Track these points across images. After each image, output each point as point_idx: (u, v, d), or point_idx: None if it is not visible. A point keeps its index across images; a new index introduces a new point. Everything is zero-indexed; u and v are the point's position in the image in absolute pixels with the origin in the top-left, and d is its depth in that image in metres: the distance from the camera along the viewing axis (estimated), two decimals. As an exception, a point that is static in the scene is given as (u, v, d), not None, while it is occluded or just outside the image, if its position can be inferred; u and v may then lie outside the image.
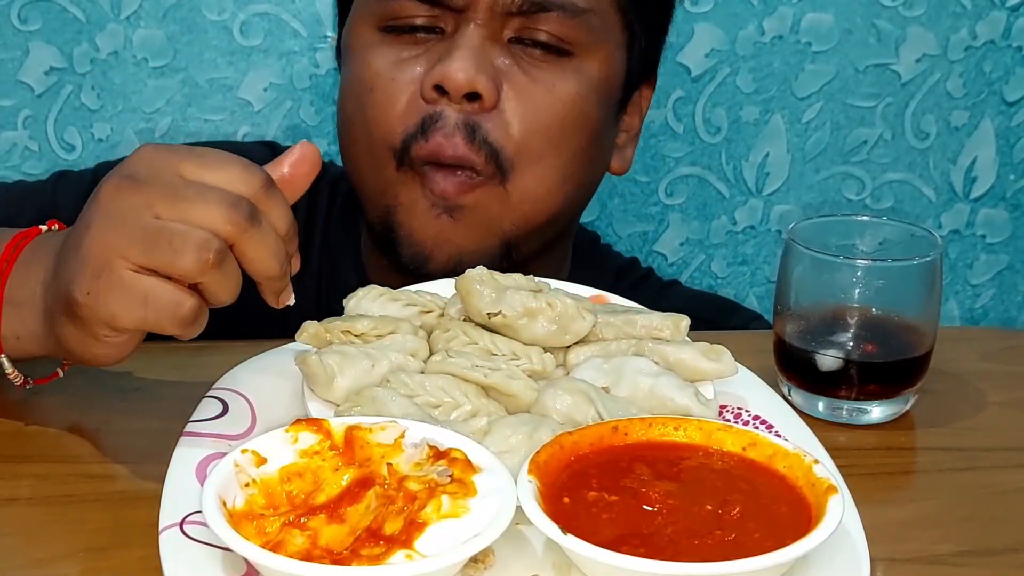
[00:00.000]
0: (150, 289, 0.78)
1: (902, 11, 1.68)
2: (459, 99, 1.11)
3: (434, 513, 0.71)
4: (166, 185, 0.80)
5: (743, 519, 0.73)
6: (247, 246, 0.80)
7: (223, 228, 0.78)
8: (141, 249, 0.78)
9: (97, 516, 0.82)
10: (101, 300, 0.79)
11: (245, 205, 0.80)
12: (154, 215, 0.79)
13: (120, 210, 0.79)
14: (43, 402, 0.96)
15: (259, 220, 0.80)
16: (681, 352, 0.93)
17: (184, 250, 0.77)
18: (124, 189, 0.80)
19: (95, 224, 0.80)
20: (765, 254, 1.79)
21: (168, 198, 0.79)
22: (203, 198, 0.79)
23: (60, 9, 1.56)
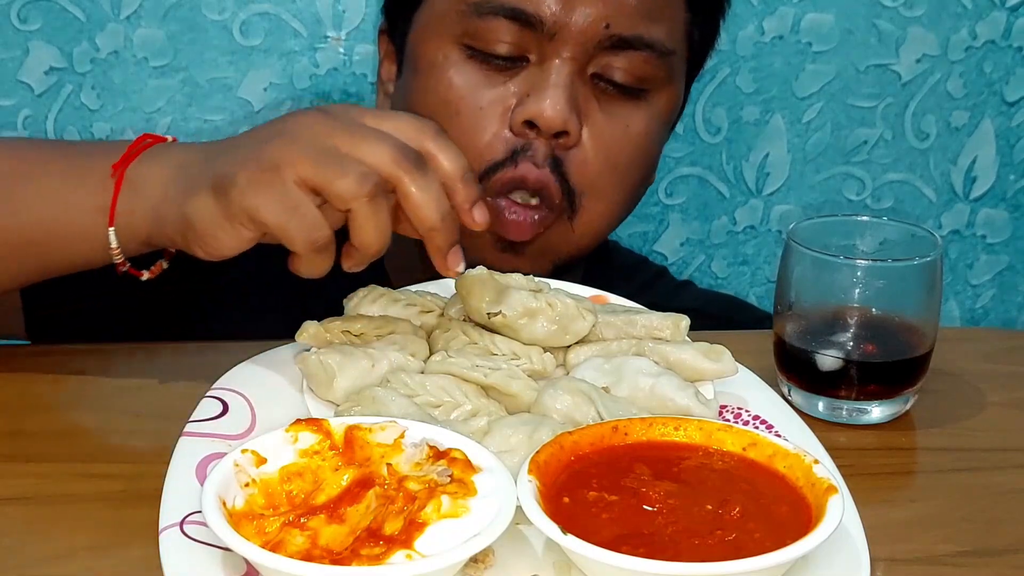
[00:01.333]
0: (302, 203, 0.83)
1: (902, 11, 1.68)
2: (549, 136, 1.12)
3: (434, 513, 0.71)
4: (349, 121, 0.86)
5: (743, 519, 0.73)
6: (409, 189, 0.84)
7: (387, 167, 0.84)
8: (310, 164, 0.83)
9: (97, 516, 0.82)
10: (257, 190, 0.83)
11: (412, 152, 0.85)
12: (333, 143, 0.84)
13: (303, 130, 0.85)
14: (44, 402, 0.96)
15: (423, 168, 0.85)
16: (681, 352, 0.93)
17: (346, 173, 0.82)
18: (312, 116, 0.87)
19: (278, 135, 0.86)
20: (765, 254, 1.79)
21: (347, 132, 0.85)
22: (377, 138, 0.85)
23: (60, 9, 1.56)
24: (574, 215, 1.16)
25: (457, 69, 1.14)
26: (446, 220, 0.86)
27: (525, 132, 1.12)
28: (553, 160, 1.13)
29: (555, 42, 1.12)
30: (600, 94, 1.15)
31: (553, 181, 1.13)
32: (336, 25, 1.61)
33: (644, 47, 1.13)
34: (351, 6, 1.61)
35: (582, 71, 1.13)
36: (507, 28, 1.12)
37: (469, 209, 0.88)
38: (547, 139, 1.12)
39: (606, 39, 1.12)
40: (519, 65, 1.14)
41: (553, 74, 1.12)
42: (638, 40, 1.13)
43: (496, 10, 1.12)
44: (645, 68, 1.14)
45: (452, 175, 0.87)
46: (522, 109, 1.12)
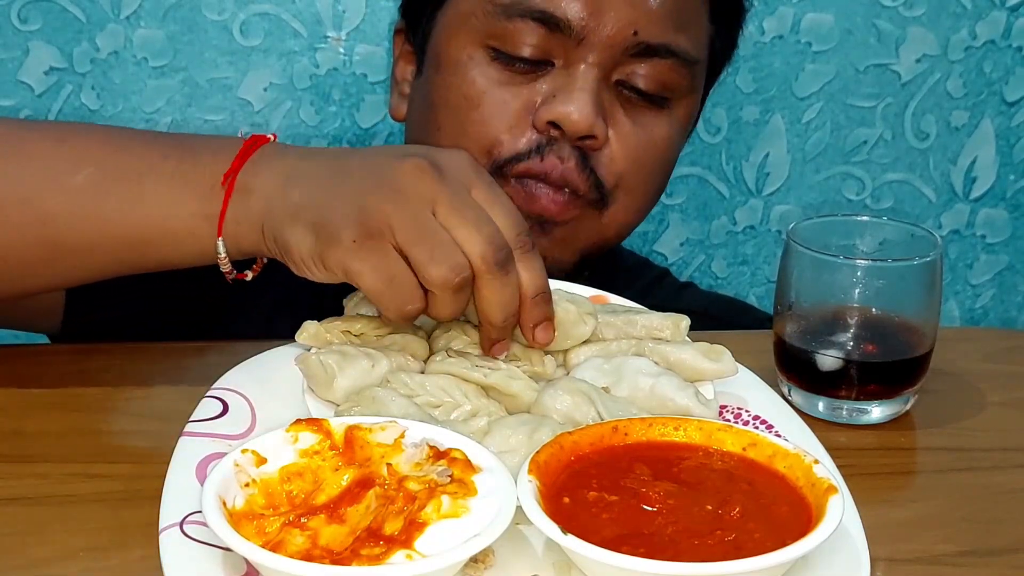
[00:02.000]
0: (400, 274, 0.84)
1: (902, 11, 1.68)
2: (574, 139, 1.12)
3: (434, 513, 0.71)
4: (456, 194, 0.86)
5: (743, 519, 0.73)
6: (487, 286, 0.86)
7: (477, 259, 0.85)
8: (409, 237, 0.84)
9: (97, 516, 0.82)
10: (358, 255, 0.84)
11: (504, 251, 0.86)
12: (432, 212, 0.85)
13: (410, 190, 0.85)
14: (43, 402, 0.96)
15: (508, 269, 0.86)
16: (681, 352, 0.93)
17: (440, 261, 0.84)
18: (423, 172, 0.86)
19: (383, 187, 0.86)
20: (765, 254, 1.79)
21: (453, 206, 0.85)
22: (476, 225, 0.85)
23: (60, 9, 1.56)
24: (605, 207, 1.16)
25: (481, 69, 1.14)
26: (507, 322, 0.87)
27: (549, 131, 1.12)
28: (580, 155, 1.12)
29: (582, 47, 1.11)
30: (624, 102, 1.15)
31: (579, 174, 1.13)
32: (336, 25, 1.61)
33: (670, 55, 1.13)
34: (351, 6, 1.61)
35: (607, 77, 1.13)
36: (534, 31, 1.11)
37: (532, 327, 0.89)
38: (572, 141, 1.12)
39: (633, 46, 1.12)
40: (544, 69, 1.13)
41: (580, 78, 1.11)
42: (665, 48, 1.13)
43: (524, 12, 1.11)
44: (670, 76, 1.14)
45: (528, 291, 0.88)
46: (547, 109, 1.11)
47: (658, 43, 1.12)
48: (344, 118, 1.64)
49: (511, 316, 0.87)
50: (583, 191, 1.13)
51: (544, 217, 1.14)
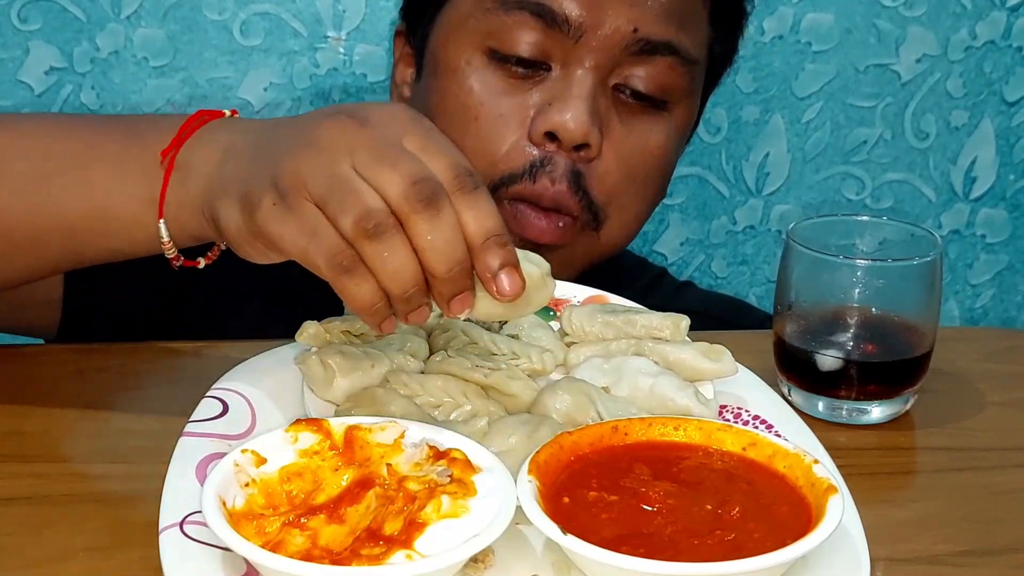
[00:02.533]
0: (322, 227, 0.76)
1: (902, 11, 1.68)
2: (569, 149, 1.11)
3: (434, 513, 0.71)
4: (377, 141, 0.77)
5: (743, 519, 0.73)
6: (411, 229, 0.75)
7: (395, 200, 0.75)
8: (320, 191, 0.76)
9: (97, 516, 0.82)
10: (277, 217, 0.77)
11: (429, 185, 0.75)
12: (350, 163, 0.76)
13: (327, 143, 0.78)
14: (43, 402, 0.96)
15: (437, 207, 0.75)
16: (681, 352, 0.93)
17: (347, 209, 0.75)
18: (343, 126, 0.78)
19: (300, 145, 0.78)
20: (765, 254, 1.79)
21: (370, 153, 0.77)
22: (395, 165, 0.76)
23: (60, 9, 1.56)
24: (599, 227, 1.15)
25: (479, 75, 1.13)
26: (454, 271, 0.76)
27: (545, 143, 1.11)
28: (573, 175, 1.12)
29: (580, 46, 1.11)
30: (621, 106, 1.14)
31: (570, 196, 1.12)
32: (336, 25, 1.61)
33: (671, 53, 1.13)
34: (351, 6, 1.61)
35: (604, 81, 1.12)
36: (532, 26, 1.11)
37: (492, 277, 0.77)
38: (567, 151, 1.11)
39: (634, 43, 1.11)
40: (541, 73, 1.13)
41: (576, 84, 1.11)
42: (666, 46, 1.12)
43: (522, 4, 1.11)
44: (670, 77, 1.14)
45: (476, 234, 0.76)
46: (543, 119, 1.11)
47: (659, 40, 1.12)
48: (344, 118, 1.64)
49: (455, 263, 0.76)
50: (575, 213, 1.13)
51: (539, 243, 1.13)
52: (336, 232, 0.75)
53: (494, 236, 0.76)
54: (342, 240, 0.75)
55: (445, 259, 0.75)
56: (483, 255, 0.76)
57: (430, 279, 0.76)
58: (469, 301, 0.78)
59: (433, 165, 0.76)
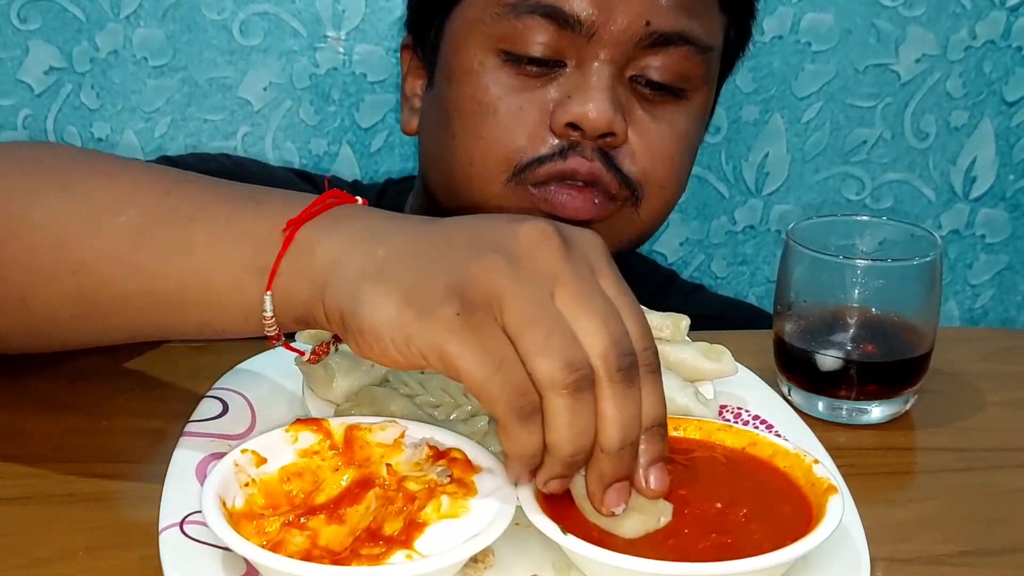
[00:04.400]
0: (511, 360, 0.68)
1: (902, 11, 1.68)
2: (594, 137, 1.10)
3: (434, 513, 0.71)
4: (583, 278, 0.70)
5: (745, 519, 0.73)
6: (607, 395, 0.68)
7: (598, 360, 0.68)
8: (520, 317, 0.68)
9: (97, 516, 0.82)
10: (461, 335, 0.68)
11: (632, 357, 0.69)
12: (555, 295, 0.69)
13: (530, 262, 0.70)
14: (43, 402, 0.96)
15: (633, 381, 0.69)
16: (681, 352, 0.93)
17: (554, 353, 0.67)
18: (550, 243, 0.70)
19: (500, 254, 0.69)
20: (765, 254, 1.79)
21: (577, 289, 0.69)
22: (604, 318, 0.69)
23: (60, 8, 1.56)
24: (639, 203, 1.14)
25: (493, 75, 1.13)
26: (625, 452, 0.69)
27: (568, 133, 1.10)
28: (603, 155, 1.11)
29: (593, 43, 1.10)
30: (640, 97, 1.14)
31: (606, 173, 1.11)
32: (336, 25, 1.61)
33: (685, 43, 1.12)
34: (351, 6, 1.60)
35: (621, 73, 1.12)
36: (544, 28, 1.10)
37: (647, 466, 0.71)
38: (592, 140, 1.11)
39: (646, 37, 1.10)
40: (556, 70, 1.12)
41: (594, 76, 1.10)
42: (679, 36, 1.12)
43: (533, 9, 1.10)
44: (685, 66, 1.13)
45: (648, 419, 0.71)
46: (564, 111, 1.10)
47: (672, 31, 1.11)
48: (344, 118, 1.64)
49: (630, 443, 0.69)
50: (613, 189, 1.12)
51: (576, 218, 1.12)
52: (524, 370, 0.68)
53: (661, 425, 0.71)
54: (528, 381, 0.68)
55: (623, 433, 0.69)
56: (648, 442, 0.71)
57: (597, 454, 0.70)
58: (625, 495, 0.71)
59: (629, 324, 0.70)
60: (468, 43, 1.14)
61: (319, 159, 1.65)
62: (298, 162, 1.65)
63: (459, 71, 1.15)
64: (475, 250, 0.70)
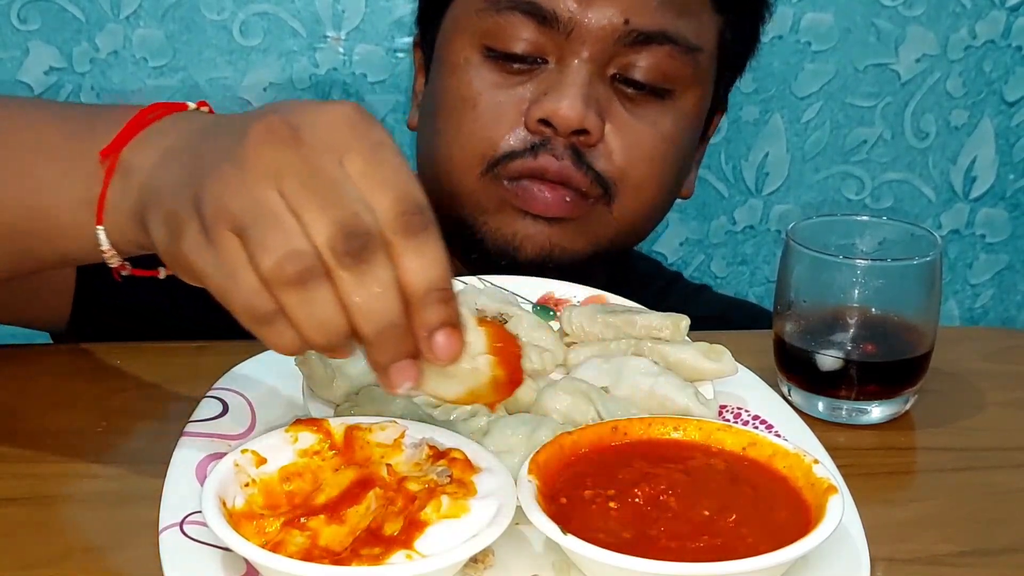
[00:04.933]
0: (239, 268, 0.67)
1: (902, 11, 1.68)
2: (566, 134, 1.11)
3: (434, 513, 0.71)
4: (312, 165, 0.67)
5: (743, 519, 0.73)
6: (339, 285, 0.66)
7: (321, 249, 0.66)
8: (241, 222, 0.66)
9: (97, 516, 0.82)
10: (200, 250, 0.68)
11: (362, 235, 0.66)
12: (278, 188, 0.66)
13: (252, 160, 0.67)
14: (43, 402, 0.96)
15: (365, 260, 0.66)
16: (681, 352, 0.93)
17: (267, 249, 0.66)
18: (274, 137, 0.67)
19: (227, 161, 0.68)
20: (765, 254, 1.79)
21: (300, 180, 0.66)
22: (326, 202, 0.66)
23: (59, 9, 1.56)
24: (611, 202, 1.14)
25: (476, 71, 1.14)
26: (385, 334, 0.67)
27: (541, 130, 1.11)
28: (575, 152, 1.11)
29: (572, 41, 1.11)
30: (623, 96, 1.14)
31: (576, 171, 1.11)
32: (336, 25, 1.61)
33: (667, 42, 1.12)
34: (351, 6, 1.61)
35: (602, 72, 1.12)
36: (524, 25, 1.11)
37: (427, 336, 0.67)
38: (565, 137, 1.11)
39: (626, 35, 1.11)
40: (537, 68, 1.13)
41: (570, 74, 1.11)
42: (661, 35, 1.12)
43: (514, 5, 1.11)
44: (669, 64, 1.13)
45: (415, 286, 0.66)
46: (537, 107, 1.11)
47: (653, 30, 1.11)
48: (344, 118, 1.64)
49: (386, 325, 0.66)
50: (584, 188, 1.12)
51: (547, 214, 1.13)
52: (255, 274, 0.66)
53: (437, 290, 0.67)
54: (260, 284, 0.66)
55: (374, 321, 0.66)
56: (421, 311, 0.67)
57: (362, 342, 0.68)
58: (411, 372, 0.68)
59: (375, 197, 0.66)
60: (456, 38, 1.16)
61: (319, 159, 1.65)
62: (298, 162, 1.65)
63: (447, 66, 1.16)
64: (216, 161, 0.69)
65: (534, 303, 1.03)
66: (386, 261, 0.66)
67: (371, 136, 0.68)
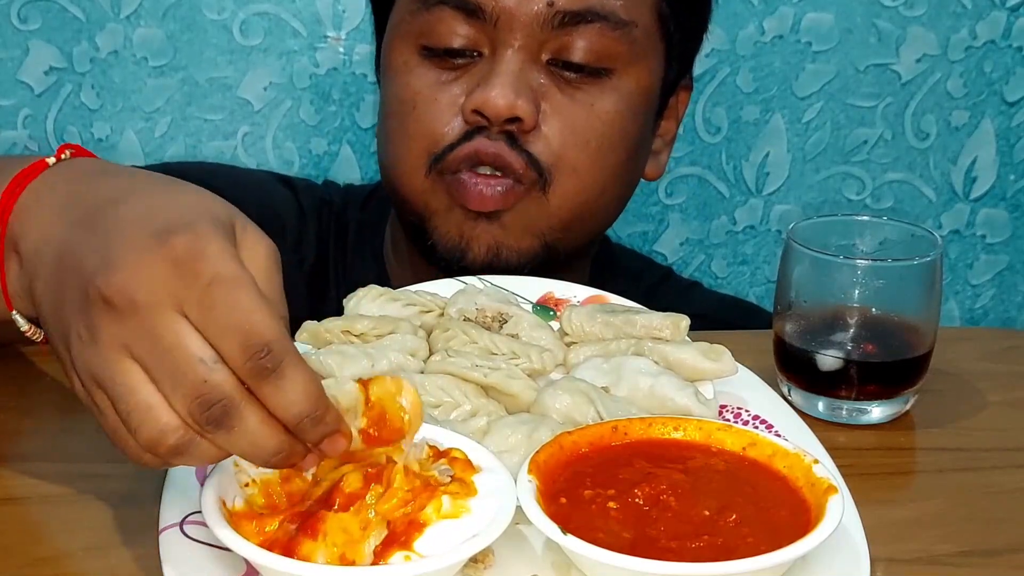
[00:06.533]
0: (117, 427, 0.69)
1: (902, 11, 1.68)
2: (499, 123, 1.11)
3: (434, 513, 0.71)
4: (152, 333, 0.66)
5: (743, 519, 0.73)
6: (217, 442, 0.68)
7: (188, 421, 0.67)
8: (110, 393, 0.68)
9: (97, 516, 0.82)
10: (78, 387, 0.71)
11: (216, 405, 0.66)
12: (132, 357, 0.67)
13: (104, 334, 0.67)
14: (43, 402, 0.96)
15: (231, 423, 0.66)
16: (681, 352, 0.93)
17: (139, 425, 0.67)
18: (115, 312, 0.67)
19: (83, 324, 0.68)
20: (765, 254, 1.79)
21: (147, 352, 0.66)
22: (177, 376, 0.66)
23: (60, 8, 1.56)
24: (546, 186, 1.13)
25: (416, 73, 1.15)
26: (274, 460, 0.69)
27: (477, 121, 1.11)
28: (510, 137, 1.11)
29: (501, 30, 1.11)
30: (561, 81, 1.13)
31: (511, 153, 1.11)
32: (336, 25, 1.61)
33: (596, 19, 1.11)
34: (351, 6, 1.61)
35: (536, 58, 1.12)
36: (454, 19, 1.12)
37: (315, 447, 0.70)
38: (499, 125, 1.11)
39: (552, 18, 1.11)
40: (473, 61, 1.13)
41: (502, 63, 1.11)
42: (588, 13, 1.11)
43: (441, 0, 1.12)
44: (602, 43, 1.12)
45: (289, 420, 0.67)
46: (470, 99, 1.11)
47: (578, 9, 1.11)
48: (344, 117, 1.64)
49: (271, 455, 0.68)
50: (519, 170, 1.12)
51: (483, 209, 1.13)
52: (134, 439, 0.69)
53: (307, 417, 0.67)
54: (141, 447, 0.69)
55: (261, 457, 0.68)
56: (301, 434, 0.68)
57: None
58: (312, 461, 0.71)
59: (221, 346, 0.65)
60: (395, 42, 1.17)
61: (319, 159, 1.65)
62: (298, 162, 1.65)
63: (389, 71, 1.18)
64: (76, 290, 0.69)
65: (534, 303, 1.04)
66: (251, 409, 0.66)
67: (201, 277, 0.66)
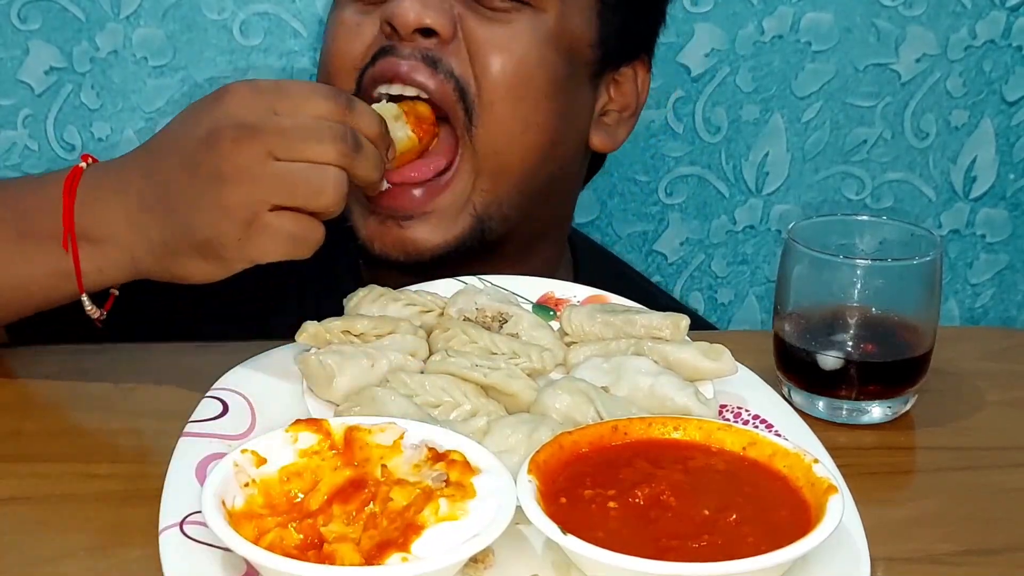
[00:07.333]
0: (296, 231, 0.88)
1: (902, 10, 1.68)
2: (410, 36, 1.09)
3: (432, 516, 0.71)
4: (275, 130, 0.87)
5: (743, 519, 0.73)
6: (357, 170, 0.90)
7: (340, 161, 0.88)
8: (284, 195, 0.87)
9: (97, 516, 0.82)
10: (254, 244, 0.87)
11: (350, 135, 0.89)
12: (275, 159, 0.86)
13: (247, 161, 0.86)
14: (43, 402, 0.96)
15: (361, 143, 0.90)
16: (681, 352, 0.93)
17: (323, 189, 0.87)
18: (243, 141, 0.87)
19: (228, 176, 0.87)
20: (765, 254, 1.79)
21: (283, 142, 0.87)
22: (314, 136, 0.87)
23: (60, 8, 1.56)
24: (472, 122, 1.10)
25: (339, 11, 1.16)
26: (381, 170, 0.94)
27: (391, 35, 1.10)
28: (428, 58, 1.09)
29: None
30: (478, 7, 1.11)
31: (426, 70, 1.09)
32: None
33: None
34: (351, 6, 1.60)
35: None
36: None
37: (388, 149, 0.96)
38: (411, 40, 1.09)
39: None
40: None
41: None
42: None
43: None
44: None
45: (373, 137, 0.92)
46: (382, 12, 1.10)
47: None
48: (344, 118, 1.64)
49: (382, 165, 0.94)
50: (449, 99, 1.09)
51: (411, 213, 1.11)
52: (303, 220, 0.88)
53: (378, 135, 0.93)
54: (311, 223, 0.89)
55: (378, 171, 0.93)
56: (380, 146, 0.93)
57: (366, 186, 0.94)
58: None
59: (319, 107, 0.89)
60: None
61: (319, 159, 1.65)
62: (298, 162, 1.65)
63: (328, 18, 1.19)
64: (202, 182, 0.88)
65: (534, 303, 1.04)
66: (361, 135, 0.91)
67: (267, 85, 0.90)
